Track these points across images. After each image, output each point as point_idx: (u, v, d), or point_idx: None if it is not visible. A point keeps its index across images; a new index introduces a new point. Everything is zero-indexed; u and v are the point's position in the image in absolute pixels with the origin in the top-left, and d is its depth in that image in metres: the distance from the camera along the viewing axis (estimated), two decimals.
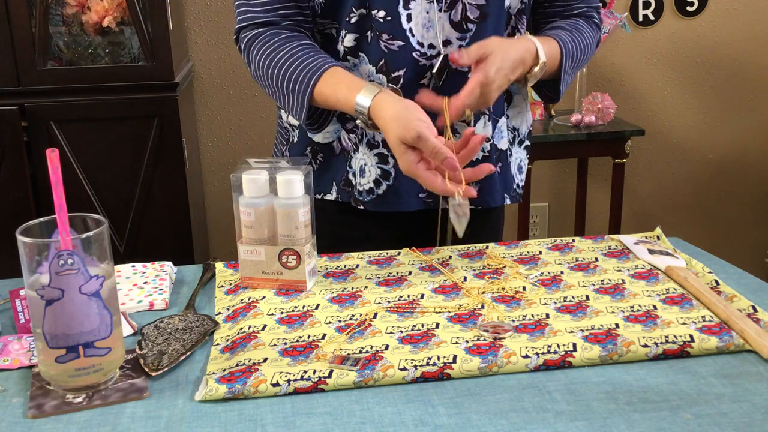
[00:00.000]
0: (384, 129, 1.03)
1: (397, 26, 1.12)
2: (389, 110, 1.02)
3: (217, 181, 2.78)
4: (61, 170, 0.75)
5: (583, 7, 1.26)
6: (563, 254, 1.11)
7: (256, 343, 0.87)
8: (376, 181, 1.19)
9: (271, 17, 1.15)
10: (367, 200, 1.20)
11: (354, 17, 1.13)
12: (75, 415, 0.75)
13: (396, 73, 1.14)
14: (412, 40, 1.13)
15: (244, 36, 1.18)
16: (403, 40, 1.13)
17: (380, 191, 1.20)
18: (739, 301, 0.94)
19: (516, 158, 1.29)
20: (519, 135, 1.29)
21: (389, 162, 1.18)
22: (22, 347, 0.88)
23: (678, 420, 0.72)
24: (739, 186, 3.06)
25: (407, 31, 1.12)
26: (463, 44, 1.14)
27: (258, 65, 1.16)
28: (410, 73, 1.14)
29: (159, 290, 1.02)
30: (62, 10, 2.20)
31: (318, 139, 1.22)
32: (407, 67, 1.13)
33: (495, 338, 0.86)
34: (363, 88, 1.05)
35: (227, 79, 2.68)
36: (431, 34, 1.13)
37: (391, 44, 1.13)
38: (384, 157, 1.18)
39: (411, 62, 1.13)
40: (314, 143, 1.23)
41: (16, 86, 2.16)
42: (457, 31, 1.13)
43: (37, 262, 0.75)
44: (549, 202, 3.00)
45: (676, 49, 2.86)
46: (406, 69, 1.13)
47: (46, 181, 2.16)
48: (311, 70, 1.10)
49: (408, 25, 1.12)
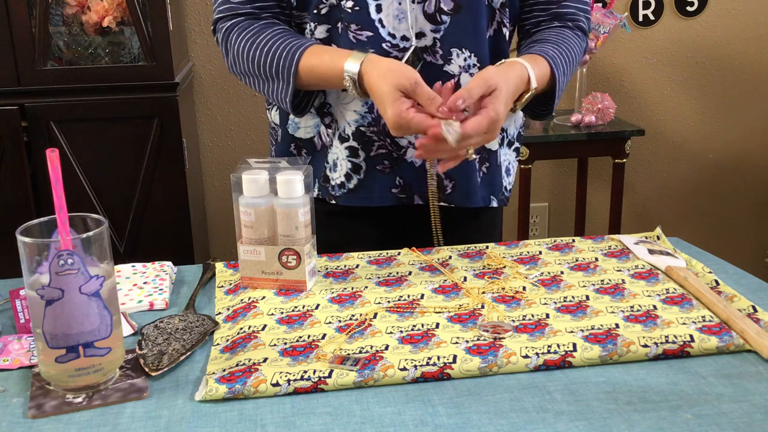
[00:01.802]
0: (377, 84, 1.02)
1: (365, 16, 1.11)
2: (382, 65, 1.03)
3: (217, 181, 2.78)
4: (61, 170, 0.75)
5: (572, 8, 1.21)
6: (563, 254, 1.11)
7: (256, 343, 0.87)
8: (347, 174, 1.19)
9: (250, 9, 1.16)
10: (338, 195, 1.20)
11: (324, 8, 1.13)
12: (75, 415, 0.75)
13: None
14: (381, 31, 1.12)
15: (221, 26, 1.18)
16: (371, 30, 1.12)
17: (351, 185, 1.19)
18: (739, 301, 0.94)
19: (504, 160, 1.27)
20: (507, 136, 1.27)
21: (359, 155, 1.18)
22: (22, 347, 0.88)
23: (678, 420, 0.72)
24: (739, 186, 3.06)
25: (376, 22, 1.12)
26: (437, 36, 1.12)
27: (237, 52, 1.15)
28: None
29: (159, 290, 1.02)
30: (62, 10, 2.20)
31: (300, 135, 1.23)
32: None
33: (495, 338, 0.86)
34: (350, 55, 1.06)
35: (227, 79, 2.68)
36: (404, 25, 1.12)
37: (360, 35, 1.12)
38: (354, 150, 1.18)
39: (381, 53, 1.12)
40: (297, 139, 1.23)
41: (16, 86, 2.16)
42: (431, 23, 1.12)
43: (37, 262, 0.75)
44: (549, 202, 3.00)
45: (676, 49, 2.86)
46: None
47: (46, 181, 2.16)
48: (295, 46, 1.11)
49: (377, 16, 1.11)
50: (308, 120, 1.22)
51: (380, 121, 1.15)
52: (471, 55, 1.14)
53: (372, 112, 1.15)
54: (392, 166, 1.19)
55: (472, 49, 1.14)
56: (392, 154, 1.18)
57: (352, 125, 1.16)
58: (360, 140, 1.17)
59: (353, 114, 1.16)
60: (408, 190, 1.20)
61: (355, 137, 1.17)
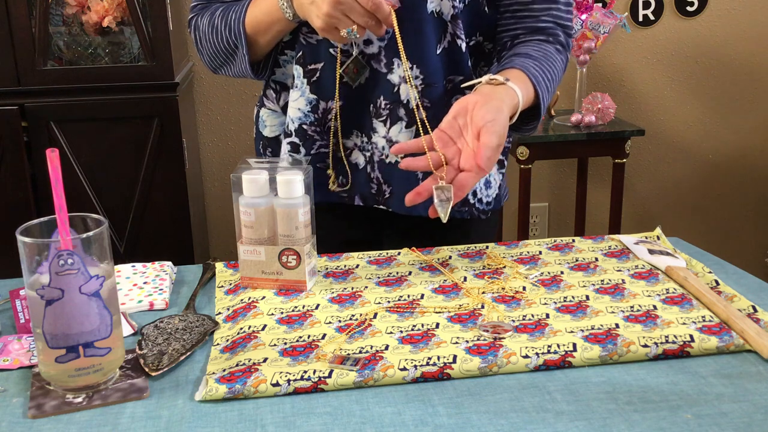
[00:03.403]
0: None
1: None
2: None
3: (217, 181, 2.78)
4: (61, 170, 0.75)
5: (550, 22, 1.17)
6: (563, 254, 1.11)
7: (256, 343, 0.87)
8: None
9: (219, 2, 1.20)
10: None
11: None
12: (75, 415, 0.75)
13: (311, 66, 1.15)
14: None
15: (193, 17, 1.22)
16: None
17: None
18: (739, 301, 0.94)
19: None
20: None
21: (300, 152, 1.20)
22: (22, 347, 0.88)
23: (678, 420, 0.72)
24: (739, 186, 3.06)
25: None
26: (382, 45, 1.12)
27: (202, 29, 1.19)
28: (328, 67, 1.15)
29: (159, 290, 1.02)
30: (62, 10, 2.20)
31: (266, 134, 1.26)
32: (324, 61, 1.14)
33: (495, 338, 0.86)
34: None
35: (227, 79, 2.68)
36: None
37: (310, 38, 1.14)
38: (295, 147, 1.20)
39: (328, 57, 1.14)
40: (264, 138, 1.26)
41: (16, 86, 2.16)
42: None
43: (37, 262, 0.75)
44: (549, 202, 3.01)
45: (676, 49, 2.86)
46: (324, 63, 1.15)
47: (46, 181, 2.16)
48: (239, 9, 1.15)
49: None
50: (273, 119, 1.25)
51: (325, 122, 1.17)
52: (413, 67, 1.12)
53: (316, 112, 1.17)
54: (335, 165, 1.20)
55: (414, 61, 1.12)
56: (336, 154, 1.20)
57: (295, 122, 1.18)
58: (302, 137, 1.19)
59: (297, 112, 1.18)
60: (349, 189, 1.22)
61: (297, 134, 1.19)
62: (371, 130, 1.18)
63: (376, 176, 1.19)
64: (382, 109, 1.16)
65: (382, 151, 1.18)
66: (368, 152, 1.19)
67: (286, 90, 1.22)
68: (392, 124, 1.16)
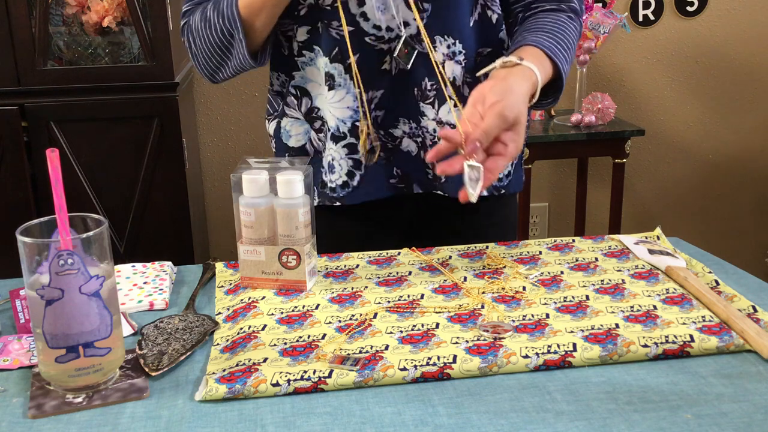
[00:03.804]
0: None
1: (346, 12, 1.11)
2: None
3: (217, 181, 2.78)
4: (61, 170, 0.75)
5: None
6: (563, 254, 1.11)
7: (256, 343, 0.87)
8: (350, 172, 1.18)
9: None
10: (343, 195, 1.19)
11: (303, 9, 1.13)
12: (75, 415, 0.75)
13: (349, 60, 1.12)
14: (364, 24, 1.11)
15: (185, 23, 1.18)
16: (352, 25, 1.11)
17: (355, 182, 1.19)
18: (739, 301, 0.94)
19: None
20: None
21: (358, 151, 1.17)
22: (22, 347, 0.88)
23: (678, 420, 0.72)
24: (739, 186, 3.06)
25: (357, 16, 1.11)
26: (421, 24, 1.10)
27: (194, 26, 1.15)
28: (365, 58, 1.12)
29: (159, 290, 1.02)
30: (62, 10, 2.20)
31: (292, 144, 1.22)
32: (360, 52, 1.12)
33: (495, 338, 0.86)
34: None
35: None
36: (387, 16, 1.11)
37: (340, 31, 1.11)
38: (353, 147, 1.17)
39: (364, 47, 1.12)
40: (289, 149, 1.23)
41: (16, 86, 2.16)
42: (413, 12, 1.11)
43: (37, 262, 0.75)
44: (549, 202, 3.01)
45: (676, 49, 2.86)
46: (360, 54, 1.12)
47: (46, 181, 2.16)
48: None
49: (359, 10, 1.11)
50: (297, 128, 1.21)
51: (371, 113, 1.15)
52: (455, 42, 1.13)
53: (363, 105, 1.15)
54: (388, 157, 1.19)
55: (456, 36, 1.12)
56: (387, 145, 1.18)
57: (348, 122, 1.16)
58: (357, 136, 1.17)
59: (346, 111, 1.15)
60: (406, 179, 1.20)
61: (352, 133, 1.16)
62: (419, 114, 1.16)
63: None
64: (429, 91, 1.14)
65: (434, 135, 1.16)
66: (419, 137, 1.17)
67: (307, 96, 1.19)
68: (440, 105, 1.15)
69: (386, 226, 1.25)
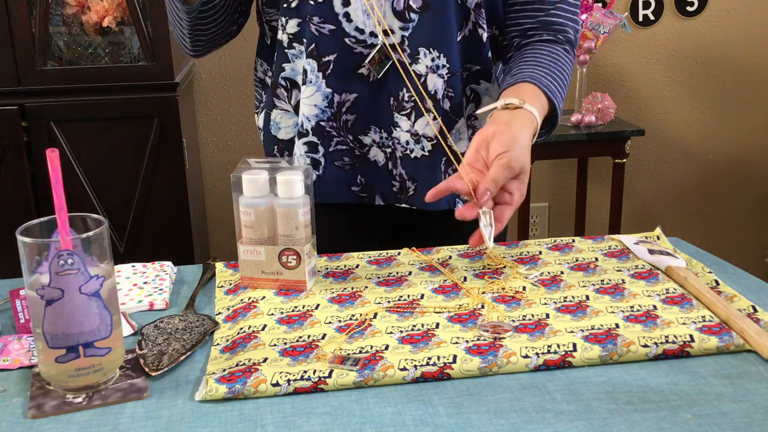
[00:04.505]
0: None
1: (328, 10, 1.10)
2: None
3: (217, 181, 2.78)
4: (61, 170, 0.75)
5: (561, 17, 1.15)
6: (563, 254, 1.11)
7: (256, 343, 0.87)
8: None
9: None
10: None
11: (293, 2, 1.12)
12: (75, 415, 0.75)
13: (325, 58, 1.12)
14: (347, 25, 1.11)
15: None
16: (333, 24, 1.11)
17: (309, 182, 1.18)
18: (739, 301, 0.94)
19: None
20: None
21: (318, 151, 1.17)
22: (22, 347, 0.88)
23: (678, 420, 0.72)
24: (739, 186, 3.06)
25: (340, 15, 1.10)
26: (405, 35, 1.10)
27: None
28: (342, 59, 1.12)
29: (159, 290, 1.02)
30: (62, 10, 2.20)
31: (281, 136, 1.22)
32: (338, 52, 1.12)
33: (495, 338, 0.86)
34: None
35: (227, 79, 2.68)
36: (372, 21, 1.10)
37: (322, 28, 1.11)
38: (313, 146, 1.16)
39: (342, 48, 1.11)
40: (279, 141, 1.22)
41: (16, 86, 2.17)
42: (399, 20, 1.10)
43: (37, 262, 0.75)
44: (549, 202, 3.01)
45: (676, 49, 2.86)
46: (337, 54, 1.12)
47: (46, 181, 2.16)
48: None
49: (343, 10, 1.10)
50: (287, 120, 1.21)
51: (341, 117, 1.15)
52: (440, 56, 1.11)
53: (332, 107, 1.14)
54: (353, 164, 1.18)
55: (441, 50, 1.11)
56: (354, 152, 1.17)
57: (312, 120, 1.15)
58: (319, 135, 1.16)
59: (313, 108, 1.15)
60: (369, 189, 1.19)
61: (315, 132, 1.16)
62: (392, 124, 1.15)
63: (399, 173, 1.17)
64: (405, 102, 1.13)
65: (405, 146, 1.15)
66: (389, 148, 1.17)
67: (297, 87, 1.19)
68: (417, 117, 1.14)
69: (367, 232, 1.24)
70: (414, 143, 1.15)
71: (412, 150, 1.15)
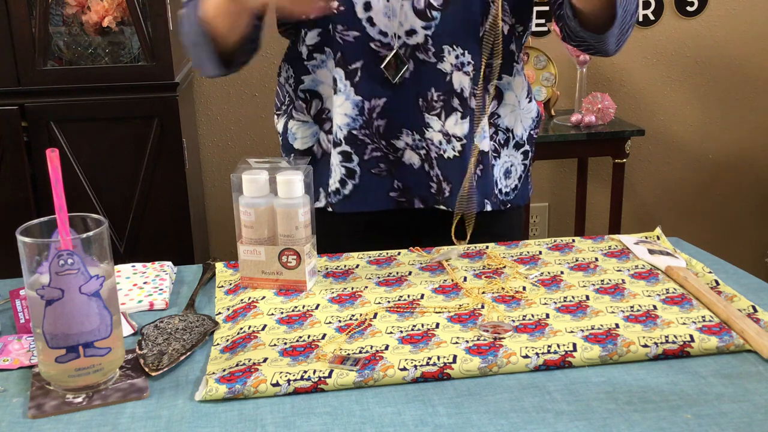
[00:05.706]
0: None
1: (352, 16, 1.09)
2: None
3: (217, 181, 2.78)
4: (61, 170, 0.75)
5: None
6: (563, 254, 1.11)
7: (256, 343, 0.87)
8: (342, 180, 1.16)
9: None
10: (334, 201, 1.18)
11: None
12: (75, 415, 0.75)
13: (352, 66, 1.11)
14: (370, 30, 1.09)
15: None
16: (358, 30, 1.09)
17: (346, 191, 1.17)
18: (739, 301, 0.94)
19: (505, 161, 1.22)
20: (514, 137, 1.23)
21: (353, 160, 1.15)
22: (22, 347, 0.88)
23: (678, 420, 0.72)
24: (739, 186, 3.06)
25: (363, 21, 1.09)
26: (429, 33, 1.09)
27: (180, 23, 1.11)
28: (368, 65, 1.11)
29: (159, 290, 1.02)
30: (62, 10, 2.20)
31: (297, 146, 1.21)
32: (363, 59, 1.11)
33: (495, 338, 0.86)
34: None
35: (227, 79, 2.68)
36: (395, 22, 1.09)
37: (346, 36, 1.10)
38: (347, 155, 1.15)
39: (368, 54, 1.10)
40: (294, 150, 1.22)
41: (16, 86, 2.16)
42: (421, 20, 1.09)
43: (37, 262, 0.75)
44: (549, 202, 3.00)
45: (676, 49, 2.86)
46: (363, 61, 1.11)
47: (46, 181, 2.16)
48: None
49: (366, 15, 1.09)
50: (304, 131, 1.20)
51: (372, 123, 1.14)
52: (464, 52, 1.11)
53: (363, 114, 1.13)
54: (389, 170, 1.17)
55: (465, 46, 1.10)
56: (388, 157, 1.16)
57: (344, 129, 1.14)
58: (353, 144, 1.15)
59: (344, 117, 1.14)
60: (407, 193, 1.18)
61: (348, 141, 1.15)
62: (424, 125, 1.14)
63: (436, 174, 1.15)
64: (435, 102, 1.12)
65: (439, 147, 1.14)
66: (423, 150, 1.15)
67: (318, 98, 1.17)
68: (447, 116, 1.13)
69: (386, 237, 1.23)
70: (446, 143, 1.14)
71: (445, 150, 1.14)
